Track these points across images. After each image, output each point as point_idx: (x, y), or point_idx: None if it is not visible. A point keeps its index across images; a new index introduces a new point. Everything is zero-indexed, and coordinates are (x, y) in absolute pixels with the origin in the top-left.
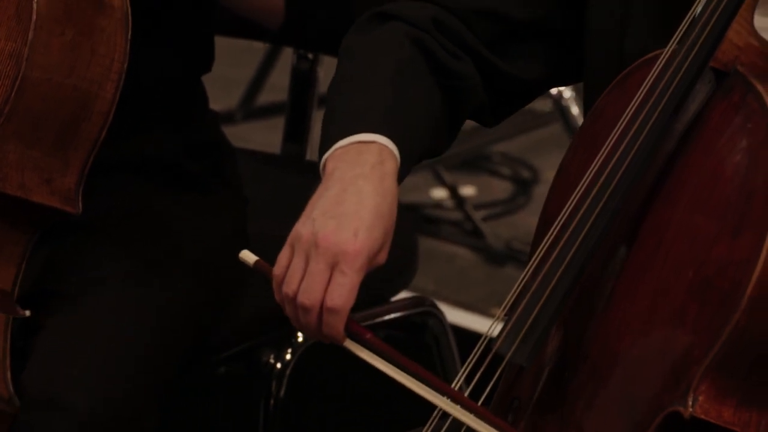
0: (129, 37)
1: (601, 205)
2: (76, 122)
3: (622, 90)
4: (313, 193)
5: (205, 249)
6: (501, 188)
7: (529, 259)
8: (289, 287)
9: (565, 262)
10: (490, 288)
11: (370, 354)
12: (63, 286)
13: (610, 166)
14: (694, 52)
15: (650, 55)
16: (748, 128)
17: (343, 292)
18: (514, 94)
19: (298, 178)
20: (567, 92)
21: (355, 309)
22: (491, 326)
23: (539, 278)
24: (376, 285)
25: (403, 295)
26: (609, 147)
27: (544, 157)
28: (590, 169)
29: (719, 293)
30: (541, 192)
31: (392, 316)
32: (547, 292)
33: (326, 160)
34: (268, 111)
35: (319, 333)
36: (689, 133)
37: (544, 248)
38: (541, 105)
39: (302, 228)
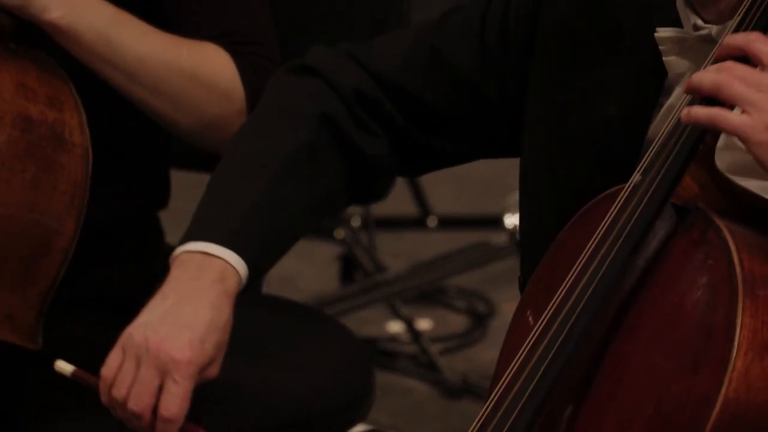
0: (90, 173)
1: (561, 339)
2: (37, 258)
3: (584, 223)
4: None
5: None
6: (457, 322)
7: (491, 392)
8: (118, 391)
9: (526, 396)
10: (447, 422)
11: None
12: (12, 419)
13: (570, 301)
14: (654, 189)
15: (612, 189)
16: (708, 264)
17: (176, 401)
18: (433, 161)
19: (253, 311)
20: None
21: None
22: None
23: (501, 412)
24: (332, 418)
25: (360, 428)
26: (570, 282)
27: (499, 291)
28: (551, 304)
29: (679, 430)
30: (497, 325)
31: None
32: (508, 425)
33: (174, 259)
34: None
35: None
36: (650, 269)
37: (506, 380)
38: (496, 238)
39: (135, 332)
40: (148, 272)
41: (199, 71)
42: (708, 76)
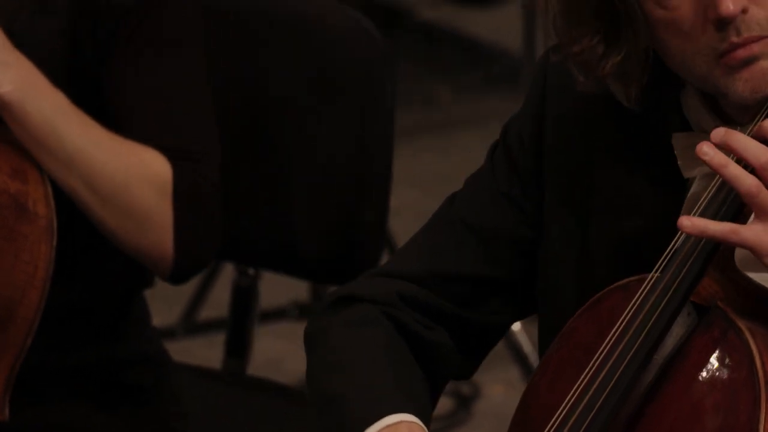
0: (54, 245)
1: None
2: (0, 327)
3: (595, 314)
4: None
5: None
6: (441, 404)
7: None
8: None
9: None
10: None
11: None
12: None
13: (587, 398)
14: (674, 287)
15: (623, 281)
16: (729, 365)
17: None
18: (490, 338)
19: (237, 393)
20: None
21: None
22: None
23: None
24: None
25: None
26: (587, 378)
27: (485, 373)
28: (567, 399)
29: None
30: (481, 408)
31: None
32: None
33: None
34: (209, 326)
35: None
36: (668, 367)
37: None
38: None
39: None
40: (132, 352)
41: (135, 172)
42: (752, 180)
